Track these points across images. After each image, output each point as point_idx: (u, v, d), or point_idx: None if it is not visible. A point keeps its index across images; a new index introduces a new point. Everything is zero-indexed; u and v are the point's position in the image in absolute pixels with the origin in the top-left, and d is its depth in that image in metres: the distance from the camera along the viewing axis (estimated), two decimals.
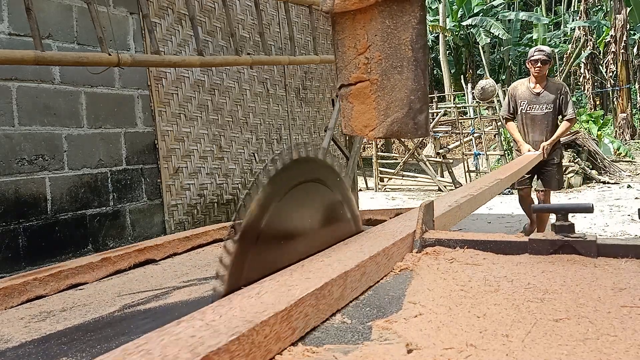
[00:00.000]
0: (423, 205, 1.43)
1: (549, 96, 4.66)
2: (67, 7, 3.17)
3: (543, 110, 4.68)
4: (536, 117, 4.71)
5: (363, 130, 1.33)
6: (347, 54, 1.32)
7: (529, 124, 4.76)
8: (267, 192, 1.01)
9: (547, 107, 4.66)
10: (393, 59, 1.27)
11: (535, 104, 4.69)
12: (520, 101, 4.77)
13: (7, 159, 2.87)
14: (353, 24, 1.31)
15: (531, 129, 4.75)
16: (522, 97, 4.77)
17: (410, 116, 1.26)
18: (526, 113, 4.75)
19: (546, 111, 4.67)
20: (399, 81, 1.27)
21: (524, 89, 4.78)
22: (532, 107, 4.71)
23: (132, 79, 3.54)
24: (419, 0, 1.25)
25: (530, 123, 4.74)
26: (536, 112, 4.69)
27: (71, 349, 0.90)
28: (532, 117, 4.73)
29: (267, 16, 4.75)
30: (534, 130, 4.74)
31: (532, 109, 4.71)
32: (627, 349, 0.70)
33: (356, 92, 1.32)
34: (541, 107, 4.68)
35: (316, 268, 1.01)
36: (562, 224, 1.24)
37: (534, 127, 4.73)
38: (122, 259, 1.56)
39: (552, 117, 4.67)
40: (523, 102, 4.75)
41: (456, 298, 0.96)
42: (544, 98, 4.67)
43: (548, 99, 4.65)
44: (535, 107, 4.70)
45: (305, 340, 0.81)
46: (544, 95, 4.67)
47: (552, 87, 4.69)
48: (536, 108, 4.69)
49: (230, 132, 4.35)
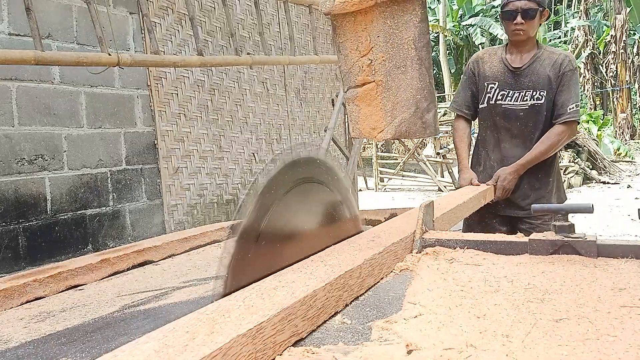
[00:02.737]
0: (423, 205, 1.43)
1: (540, 75, 2.48)
2: (67, 7, 3.17)
3: (527, 101, 2.50)
4: (514, 114, 2.53)
5: (371, 133, 1.33)
6: (350, 57, 1.32)
7: (501, 125, 2.58)
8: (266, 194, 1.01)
9: (536, 95, 2.49)
10: (397, 59, 1.27)
11: (513, 89, 2.52)
12: (487, 83, 2.58)
13: (7, 159, 2.87)
14: (354, 26, 1.30)
15: (504, 136, 2.59)
16: (490, 76, 2.57)
17: (418, 115, 1.26)
18: (496, 105, 2.56)
19: (533, 103, 2.49)
20: (404, 81, 1.27)
21: (494, 63, 2.59)
22: (507, 94, 2.54)
23: (132, 78, 3.53)
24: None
25: (504, 125, 2.57)
26: (515, 104, 2.52)
27: (71, 350, 0.90)
28: (507, 114, 2.54)
29: (267, 16, 4.75)
30: (509, 138, 2.58)
31: (508, 99, 2.53)
32: (627, 349, 0.70)
33: (362, 95, 1.32)
34: (524, 95, 2.51)
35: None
36: (562, 224, 1.24)
37: (510, 133, 2.57)
38: (120, 260, 1.56)
39: (543, 115, 2.50)
40: (492, 84, 2.56)
41: (456, 298, 0.96)
42: (531, 79, 2.50)
43: (537, 80, 2.48)
44: (513, 94, 2.53)
45: (305, 340, 0.81)
46: (531, 74, 2.50)
47: (546, 61, 2.50)
48: (515, 97, 2.52)
49: (230, 132, 4.35)
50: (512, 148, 2.57)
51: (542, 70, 2.50)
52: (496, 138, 2.63)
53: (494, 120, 2.61)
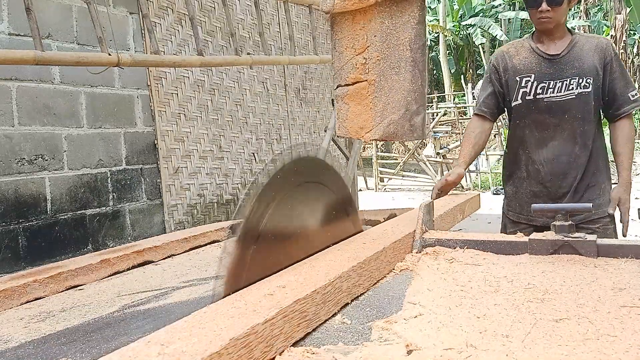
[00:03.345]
0: (423, 205, 1.43)
1: (585, 61, 2.19)
2: (67, 7, 3.17)
3: (573, 89, 2.18)
4: (560, 107, 2.20)
5: (359, 132, 1.32)
6: (345, 54, 1.32)
7: (545, 121, 2.23)
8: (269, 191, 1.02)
9: (582, 83, 2.17)
10: (391, 59, 1.27)
11: (554, 78, 2.19)
12: (520, 78, 2.25)
13: (7, 159, 2.87)
14: (352, 24, 1.30)
15: (550, 133, 2.23)
16: (523, 69, 2.26)
17: (407, 118, 1.26)
18: (536, 100, 2.22)
19: (580, 92, 2.17)
20: (397, 82, 1.27)
21: (525, 54, 2.28)
22: (548, 86, 2.21)
23: (132, 79, 3.53)
24: (418, 0, 1.25)
25: (549, 120, 2.22)
26: (559, 95, 2.19)
27: (71, 350, 0.89)
28: (552, 108, 2.21)
29: (267, 16, 4.75)
30: (557, 134, 2.22)
31: (550, 90, 2.20)
32: (627, 349, 0.70)
33: (353, 93, 1.32)
34: (569, 84, 2.19)
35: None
36: (562, 224, 1.24)
37: (557, 129, 2.22)
38: (120, 261, 1.56)
39: (591, 104, 2.18)
40: (527, 78, 2.24)
41: (456, 298, 0.96)
42: (574, 65, 2.19)
43: (582, 66, 2.18)
44: (555, 85, 2.20)
45: (305, 340, 0.81)
46: (574, 60, 2.19)
47: (586, 45, 2.22)
48: (558, 87, 2.20)
49: (230, 132, 4.35)
50: (562, 145, 2.23)
51: (585, 55, 2.20)
52: (539, 137, 2.26)
53: (535, 116, 2.25)
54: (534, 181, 2.29)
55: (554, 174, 2.23)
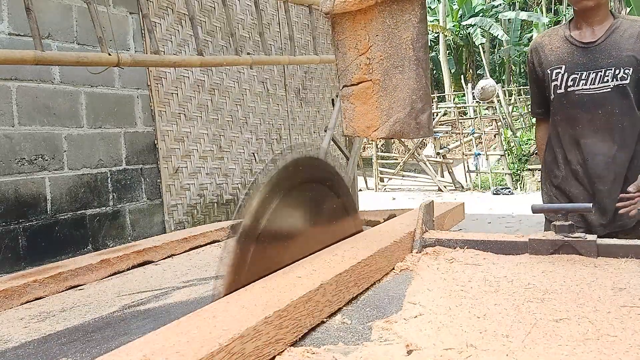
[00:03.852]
0: (423, 205, 1.43)
1: (623, 49, 1.93)
2: (67, 7, 3.17)
3: (608, 82, 1.94)
4: (593, 101, 1.97)
5: (365, 131, 1.33)
6: (349, 55, 1.32)
7: (578, 117, 2.01)
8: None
9: (619, 74, 1.92)
10: (394, 58, 1.27)
11: (587, 69, 1.96)
12: (551, 70, 2.04)
13: (7, 159, 2.87)
14: (353, 25, 1.30)
15: (583, 131, 2.01)
16: (554, 60, 2.04)
17: (413, 116, 1.26)
18: (567, 94, 2.01)
19: (616, 84, 1.93)
20: (401, 81, 1.27)
21: (557, 43, 2.05)
22: (579, 77, 1.98)
23: (132, 78, 3.53)
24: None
25: (581, 116, 2.00)
26: (592, 87, 1.96)
27: (71, 349, 0.90)
28: (584, 102, 1.98)
29: (267, 16, 4.75)
30: (590, 132, 2.00)
31: (582, 82, 1.97)
32: (627, 349, 0.70)
33: (358, 93, 1.32)
34: (604, 75, 1.95)
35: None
36: (562, 224, 1.24)
37: (591, 126, 1.99)
38: (120, 260, 1.56)
39: (630, 98, 1.94)
40: (557, 69, 2.02)
41: (456, 298, 0.96)
42: (610, 54, 1.94)
43: (620, 55, 1.92)
44: (588, 76, 1.96)
45: (305, 340, 0.81)
46: (610, 48, 1.94)
47: (628, 31, 1.95)
48: (592, 79, 1.96)
49: (230, 132, 4.35)
50: (597, 144, 1.97)
51: (625, 43, 1.93)
52: (572, 134, 2.03)
53: (567, 112, 2.03)
54: (573, 182, 2.09)
55: (589, 177, 2.00)
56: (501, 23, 22.91)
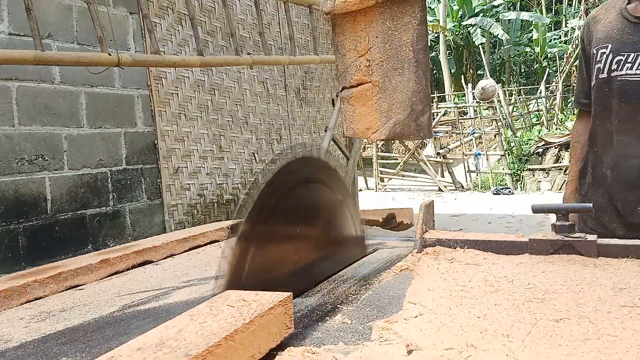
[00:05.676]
0: (423, 205, 1.43)
1: None
2: (67, 7, 3.17)
3: None
4: (635, 89, 1.60)
5: (365, 133, 1.33)
6: (348, 56, 1.32)
7: (616, 109, 1.65)
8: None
9: None
10: (394, 60, 1.27)
11: (635, 50, 1.58)
12: (597, 50, 1.68)
13: (7, 159, 2.87)
14: (354, 26, 1.30)
15: (619, 126, 1.65)
16: (603, 38, 1.67)
17: (413, 118, 1.26)
18: (610, 80, 1.65)
19: None
20: (401, 83, 1.27)
21: (610, 17, 1.68)
22: (625, 59, 1.60)
23: (132, 78, 3.53)
24: (419, 1, 1.25)
25: (620, 107, 1.63)
26: (637, 73, 1.58)
27: (71, 349, 0.90)
28: (626, 91, 1.61)
29: (267, 16, 4.75)
30: (628, 128, 1.64)
31: (627, 66, 1.60)
32: (628, 349, 0.70)
33: (358, 95, 1.32)
34: None
35: None
36: (562, 224, 1.24)
37: (629, 121, 1.63)
38: (120, 260, 1.55)
39: None
40: (603, 49, 1.66)
41: (456, 298, 0.96)
42: None
43: None
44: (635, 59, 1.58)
45: (306, 340, 0.81)
46: None
47: None
48: (638, 63, 1.58)
49: (230, 132, 4.35)
50: (632, 144, 1.62)
51: None
52: (608, 130, 1.67)
53: (606, 102, 1.66)
54: (599, 190, 1.72)
55: (617, 184, 1.65)
56: (501, 23, 22.92)
